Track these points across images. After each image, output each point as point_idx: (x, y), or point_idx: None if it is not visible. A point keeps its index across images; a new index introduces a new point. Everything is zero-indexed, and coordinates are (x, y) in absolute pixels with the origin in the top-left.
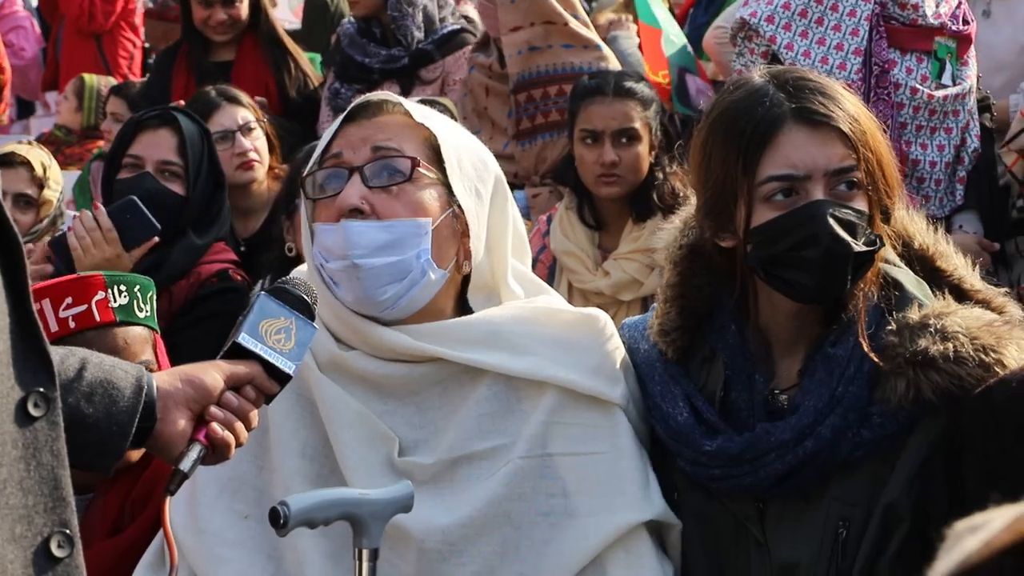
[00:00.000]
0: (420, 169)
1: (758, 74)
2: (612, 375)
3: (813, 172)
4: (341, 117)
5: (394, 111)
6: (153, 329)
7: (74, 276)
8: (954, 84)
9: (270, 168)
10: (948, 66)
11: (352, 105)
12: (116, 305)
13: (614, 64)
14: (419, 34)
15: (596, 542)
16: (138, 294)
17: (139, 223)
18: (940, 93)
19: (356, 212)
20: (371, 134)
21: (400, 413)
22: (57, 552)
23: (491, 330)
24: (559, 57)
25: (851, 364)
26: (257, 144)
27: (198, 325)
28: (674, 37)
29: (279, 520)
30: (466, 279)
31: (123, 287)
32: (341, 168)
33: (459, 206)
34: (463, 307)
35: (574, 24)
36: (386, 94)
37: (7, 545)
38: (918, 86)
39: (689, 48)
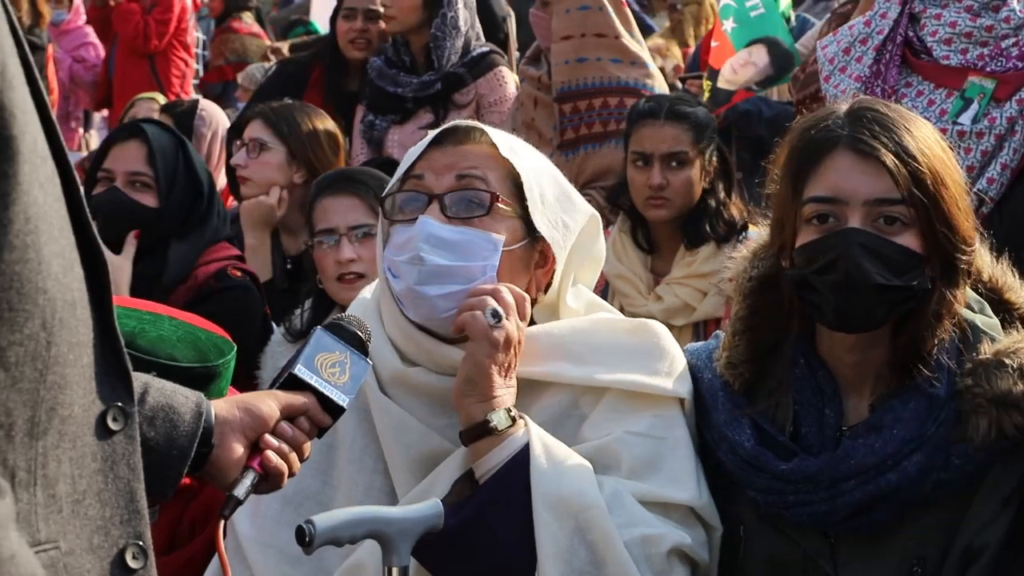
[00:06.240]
0: (499, 204)
1: (843, 103)
2: (674, 374)
3: (852, 199)
4: (427, 140)
5: (480, 140)
6: None
7: None
8: (972, 123)
9: None
10: (975, 106)
11: (439, 130)
12: None
13: (660, 83)
14: (454, 58)
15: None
16: None
17: None
18: (940, 125)
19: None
20: (456, 161)
21: None
22: (132, 563)
23: (552, 342)
24: (605, 70)
25: (947, 406)
26: (259, 164)
27: None
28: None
29: (304, 538)
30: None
31: None
32: (421, 193)
33: (537, 239)
34: None
35: (626, 39)
36: (475, 123)
37: (85, 555)
38: (922, 116)
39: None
